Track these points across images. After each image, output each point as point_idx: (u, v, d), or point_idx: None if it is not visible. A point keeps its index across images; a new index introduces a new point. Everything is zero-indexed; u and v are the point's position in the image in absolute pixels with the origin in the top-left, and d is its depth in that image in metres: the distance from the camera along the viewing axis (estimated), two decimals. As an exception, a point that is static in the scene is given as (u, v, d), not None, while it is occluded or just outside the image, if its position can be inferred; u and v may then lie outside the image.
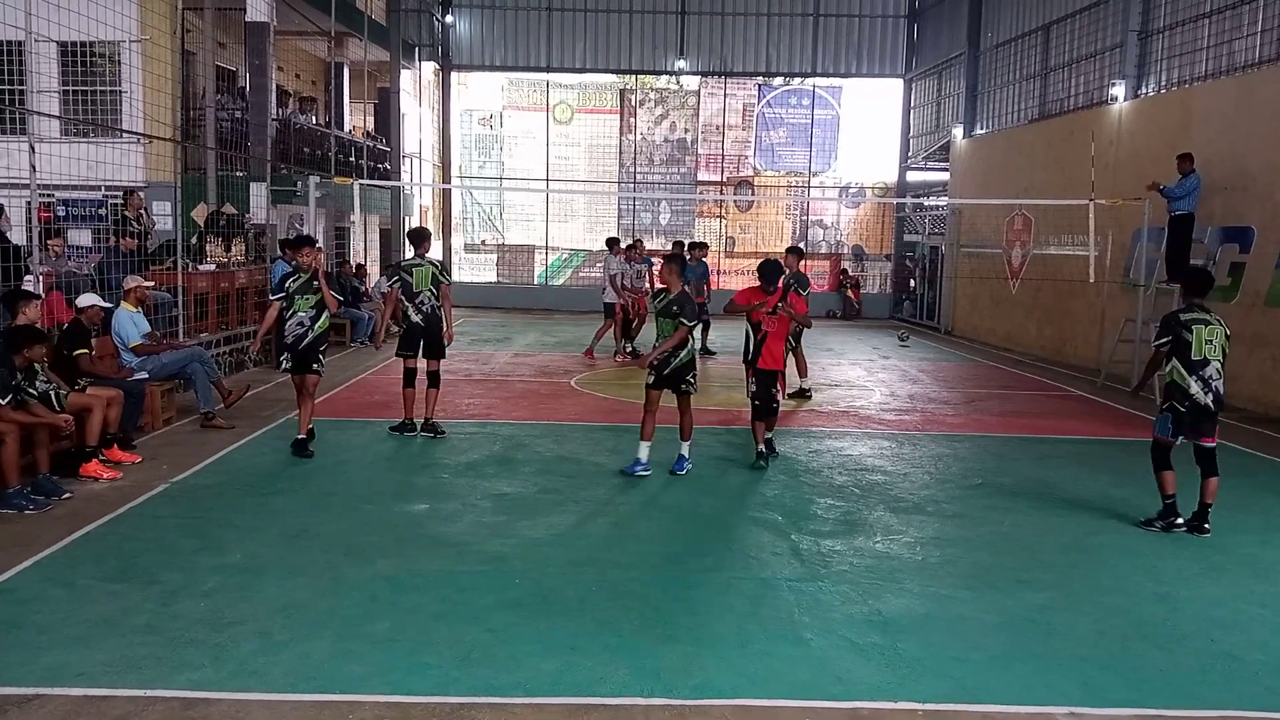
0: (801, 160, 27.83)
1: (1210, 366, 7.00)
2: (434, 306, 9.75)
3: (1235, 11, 13.94)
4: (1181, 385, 7.04)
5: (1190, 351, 6.99)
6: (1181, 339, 7.02)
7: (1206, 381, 7.00)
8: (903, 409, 12.26)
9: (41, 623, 5.10)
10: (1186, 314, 7.14)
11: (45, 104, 14.14)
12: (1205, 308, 7.19)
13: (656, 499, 7.70)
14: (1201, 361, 6.99)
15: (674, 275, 8.42)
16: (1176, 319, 7.14)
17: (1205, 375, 7.00)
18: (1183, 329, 7.04)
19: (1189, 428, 7.10)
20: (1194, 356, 6.99)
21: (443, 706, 4.34)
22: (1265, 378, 12.29)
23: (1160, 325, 7.32)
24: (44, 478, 7.29)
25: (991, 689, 4.66)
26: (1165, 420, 7.15)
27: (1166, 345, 7.10)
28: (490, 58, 27.37)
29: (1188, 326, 7.03)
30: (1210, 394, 7.01)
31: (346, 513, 7.19)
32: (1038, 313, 18.59)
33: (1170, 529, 7.17)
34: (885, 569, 6.30)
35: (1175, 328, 7.08)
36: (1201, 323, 7.05)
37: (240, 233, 15.55)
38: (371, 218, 22.74)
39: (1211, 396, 7.02)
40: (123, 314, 9.70)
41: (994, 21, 21.98)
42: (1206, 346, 7.01)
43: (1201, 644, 5.24)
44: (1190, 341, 6.99)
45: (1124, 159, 15.73)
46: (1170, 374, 7.09)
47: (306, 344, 8.95)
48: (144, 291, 9.97)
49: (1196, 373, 7.00)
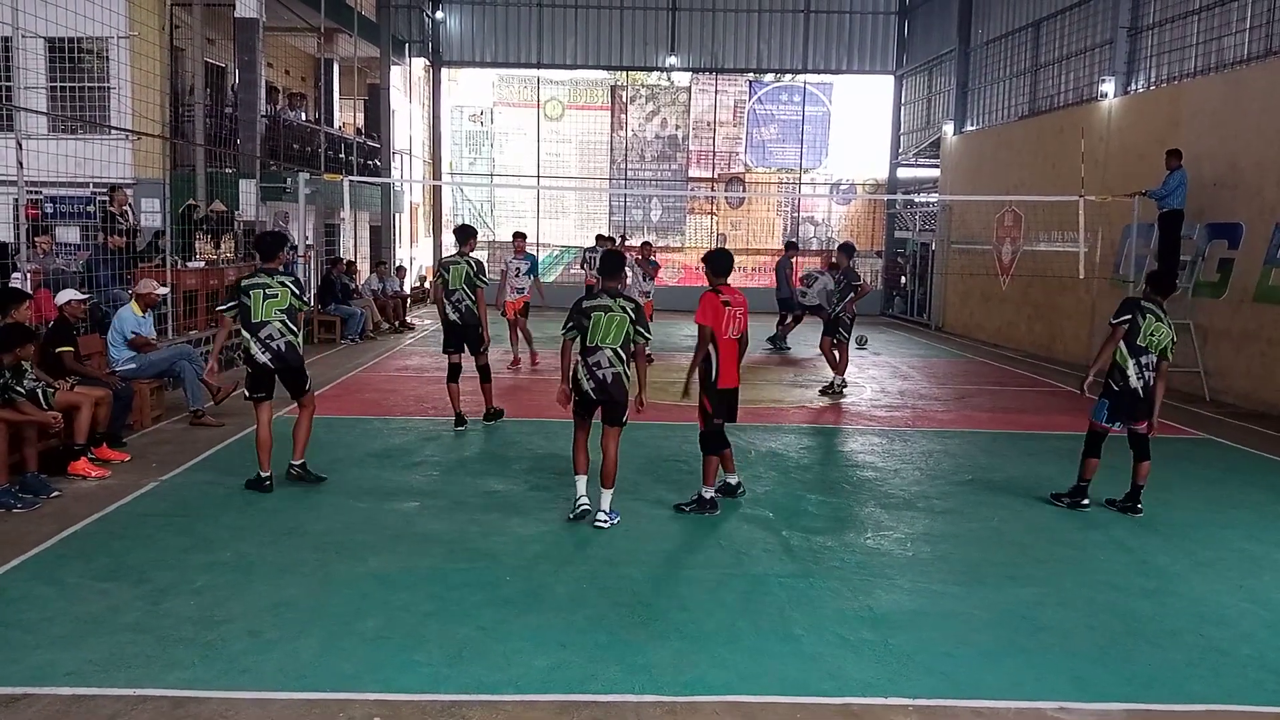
0: (793, 157, 27.86)
1: (1147, 356, 7.33)
2: (469, 305, 9.89)
3: (1224, 8, 13.98)
4: (1121, 365, 7.35)
5: (1137, 336, 7.30)
6: (1135, 322, 7.32)
7: (1142, 368, 7.32)
8: (893, 405, 12.28)
9: (29, 621, 5.07)
10: (1146, 302, 7.43)
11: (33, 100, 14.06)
12: (1163, 307, 7.45)
13: (645, 497, 7.69)
14: (1143, 348, 7.31)
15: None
16: (1137, 302, 7.43)
17: (1142, 362, 7.32)
18: (1139, 312, 7.33)
19: (1124, 413, 7.43)
20: (1138, 341, 7.30)
21: (433, 704, 4.33)
22: (1253, 373, 12.34)
23: (1120, 305, 7.53)
24: (32, 476, 7.24)
25: (982, 684, 4.66)
26: (1103, 406, 7.48)
27: (1125, 324, 7.35)
28: (481, 54, 27.31)
29: (1143, 312, 7.32)
30: (1141, 381, 7.33)
31: (336, 511, 7.17)
32: (1028, 309, 18.64)
33: (1076, 507, 7.56)
34: (876, 565, 6.31)
35: (1133, 308, 7.37)
36: (1154, 315, 7.34)
37: (229, 229, 15.48)
38: (361, 214, 22.69)
39: (1142, 384, 7.34)
40: (126, 314, 9.65)
41: (984, 18, 22.02)
42: (1150, 337, 7.31)
43: (1191, 639, 5.26)
44: (1140, 326, 7.29)
45: (1114, 155, 15.77)
46: (1116, 352, 7.40)
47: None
48: (155, 297, 9.94)
49: (1136, 356, 7.32)
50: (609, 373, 6.81)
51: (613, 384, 6.82)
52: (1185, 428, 11.05)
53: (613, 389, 6.83)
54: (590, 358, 6.84)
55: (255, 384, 7.55)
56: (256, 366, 7.49)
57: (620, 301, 6.84)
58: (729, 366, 7.12)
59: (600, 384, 6.83)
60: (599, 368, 6.81)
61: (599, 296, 6.92)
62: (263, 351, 7.46)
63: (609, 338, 6.79)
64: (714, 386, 7.11)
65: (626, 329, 6.80)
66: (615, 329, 6.79)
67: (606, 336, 6.79)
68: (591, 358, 6.83)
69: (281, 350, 7.49)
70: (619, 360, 6.83)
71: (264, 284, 7.47)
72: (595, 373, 6.82)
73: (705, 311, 7.01)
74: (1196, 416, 11.74)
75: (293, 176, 15.86)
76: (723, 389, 7.11)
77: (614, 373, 6.82)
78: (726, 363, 7.08)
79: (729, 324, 7.07)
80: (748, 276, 27.95)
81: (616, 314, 6.80)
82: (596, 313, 6.82)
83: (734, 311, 7.09)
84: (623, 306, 6.82)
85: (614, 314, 6.80)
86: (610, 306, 6.82)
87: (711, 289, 7.13)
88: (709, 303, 7.03)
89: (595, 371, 6.82)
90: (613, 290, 6.94)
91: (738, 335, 7.19)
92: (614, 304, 6.82)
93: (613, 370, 6.82)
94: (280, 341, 7.48)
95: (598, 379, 6.82)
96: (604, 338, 6.79)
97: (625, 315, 6.80)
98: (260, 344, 7.45)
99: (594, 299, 6.91)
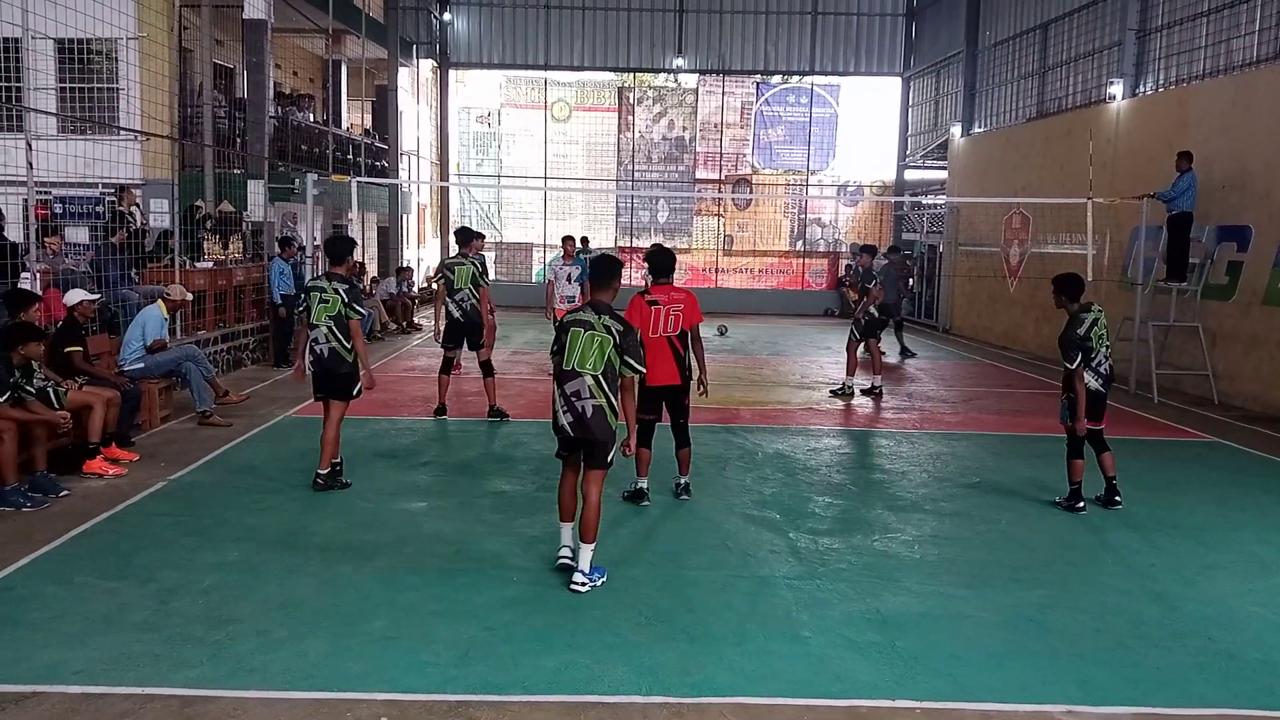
0: (800, 158, 27.84)
1: (1099, 354, 7.56)
2: (474, 303, 10.18)
3: (1233, 10, 13.94)
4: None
5: (1091, 355, 7.53)
6: (1087, 348, 7.49)
7: (1096, 370, 7.56)
8: (901, 407, 12.26)
9: (38, 620, 5.09)
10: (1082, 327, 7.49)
11: (42, 101, 14.12)
12: (1088, 304, 7.70)
13: (652, 498, 7.69)
14: (1093, 353, 7.54)
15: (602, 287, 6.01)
16: (1077, 336, 7.49)
17: (1094, 364, 7.54)
18: (1085, 341, 7.48)
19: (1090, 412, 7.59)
20: (1092, 355, 7.54)
21: (440, 704, 4.34)
22: (1262, 376, 12.30)
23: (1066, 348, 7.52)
24: (41, 475, 7.28)
25: (989, 687, 4.65)
26: (1065, 407, 7.68)
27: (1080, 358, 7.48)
28: (488, 55, 27.36)
29: (1087, 336, 7.49)
30: (1099, 379, 7.59)
31: (344, 511, 7.18)
32: (1035, 311, 18.59)
33: (1073, 510, 7.63)
34: (883, 567, 6.30)
35: (1078, 343, 7.49)
36: (1093, 321, 7.57)
37: (238, 230, 15.53)
38: (369, 215, 22.74)
39: (1101, 381, 7.60)
40: (153, 313, 9.73)
41: (992, 20, 21.98)
42: (1098, 340, 7.55)
43: (1199, 642, 5.24)
44: (1092, 346, 7.51)
45: (1122, 157, 15.73)
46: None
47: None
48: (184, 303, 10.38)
49: (1089, 364, 7.53)
50: (589, 404, 5.67)
51: (593, 418, 5.67)
52: (1194, 431, 11.02)
53: (593, 424, 5.67)
54: (567, 385, 5.72)
55: (314, 383, 7.75)
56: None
57: (605, 319, 5.73)
58: (658, 364, 7.09)
59: (579, 418, 5.68)
60: (577, 398, 5.69)
61: (583, 310, 5.88)
62: (312, 352, 7.63)
63: (588, 362, 5.68)
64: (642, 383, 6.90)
65: (609, 354, 5.70)
66: (596, 351, 5.68)
67: (585, 360, 5.68)
68: (569, 385, 5.71)
69: (324, 355, 7.57)
70: (601, 390, 5.68)
71: (321, 288, 7.60)
72: (574, 404, 5.70)
73: (630, 314, 7.01)
74: (1205, 419, 11.70)
75: (300, 177, 15.92)
76: (650, 386, 7.08)
77: (595, 405, 5.67)
78: (655, 361, 7.03)
79: (656, 323, 7.16)
80: (754, 278, 27.99)
81: (599, 334, 5.70)
82: (575, 329, 5.75)
83: (664, 310, 7.19)
84: (607, 326, 5.71)
85: (595, 333, 5.70)
86: (592, 323, 5.72)
87: (641, 291, 7.39)
88: (633, 305, 7.22)
89: (574, 403, 5.70)
90: (600, 305, 5.86)
91: (672, 333, 7.23)
92: (596, 321, 5.73)
93: (594, 402, 5.67)
94: (324, 346, 7.56)
95: (576, 412, 5.69)
96: (582, 361, 5.69)
97: (608, 337, 5.69)
98: (313, 345, 7.62)
99: (576, 313, 5.90)
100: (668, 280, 7.39)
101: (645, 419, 7.24)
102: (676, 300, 7.27)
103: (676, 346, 7.28)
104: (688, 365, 7.43)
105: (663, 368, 7.21)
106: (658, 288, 7.32)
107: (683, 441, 7.66)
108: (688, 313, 7.28)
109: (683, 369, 7.37)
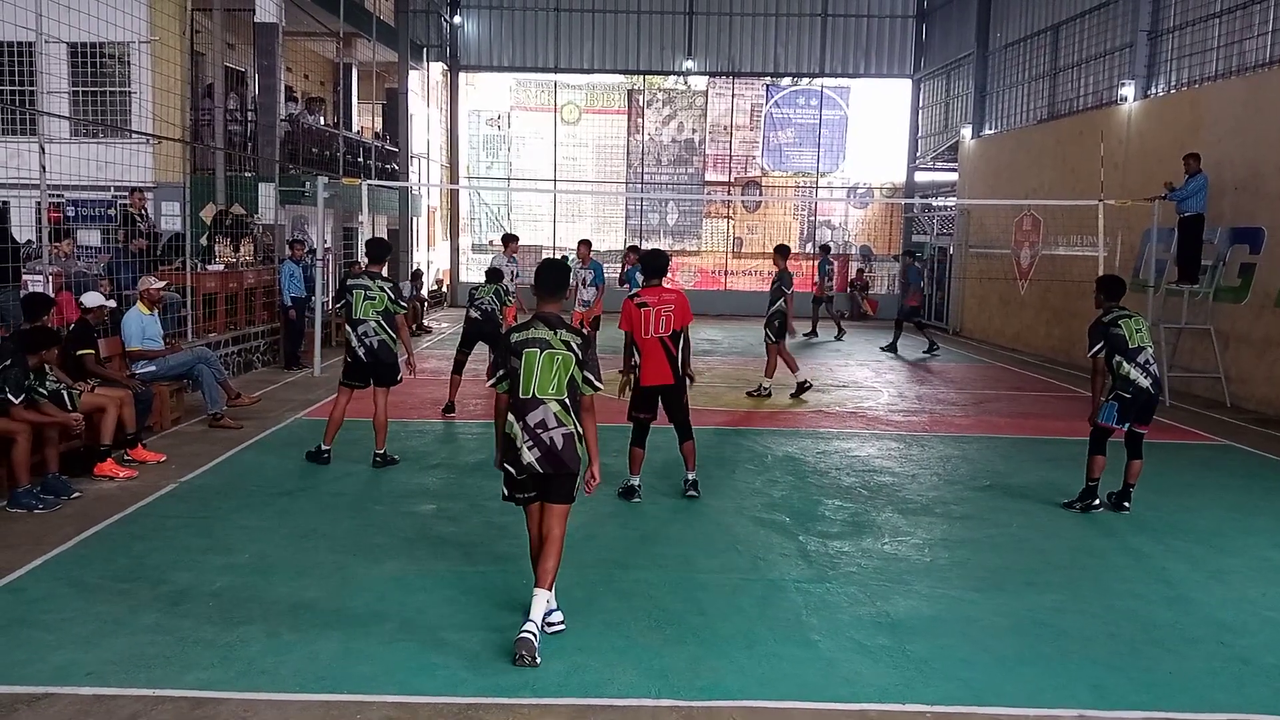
0: (809, 161, 27.81)
1: (1144, 353, 7.51)
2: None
3: (1245, 11, 13.88)
4: (1124, 375, 7.50)
5: (1126, 343, 7.47)
6: (1113, 335, 7.50)
7: (1144, 367, 7.48)
8: (911, 410, 12.23)
9: (50, 621, 5.12)
10: (1108, 316, 7.63)
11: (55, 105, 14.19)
12: (1123, 307, 7.73)
13: (662, 501, 7.69)
14: (1137, 349, 7.48)
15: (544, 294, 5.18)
16: (1100, 324, 7.61)
17: (1141, 361, 7.47)
18: (1110, 328, 7.54)
19: (1136, 413, 7.55)
20: (1130, 345, 7.47)
21: (450, 707, 4.34)
22: (1275, 379, 12.23)
23: (1089, 336, 7.71)
24: (53, 477, 7.31)
25: (1001, 691, 4.64)
26: (1111, 408, 7.56)
27: (1102, 351, 7.55)
28: (498, 58, 27.41)
29: (1115, 324, 7.54)
30: (1149, 378, 7.50)
31: (354, 513, 7.20)
32: (1046, 313, 18.53)
33: (1088, 510, 7.62)
34: (894, 570, 6.28)
35: (1103, 331, 7.56)
36: (1126, 316, 7.61)
37: (248, 233, 15.59)
38: (379, 218, 22.78)
39: (1150, 380, 7.50)
40: (132, 315, 9.69)
41: (1003, 21, 21.93)
42: (1137, 335, 7.53)
43: (1212, 647, 5.21)
44: (1123, 334, 7.49)
45: (1133, 159, 15.67)
46: (1115, 368, 7.56)
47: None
48: (156, 293, 9.89)
49: (1134, 360, 7.46)
50: (557, 434, 4.91)
51: (564, 449, 4.92)
52: (1206, 434, 10.96)
53: (565, 455, 4.93)
54: (529, 416, 4.91)
55: (350, 373, 8.42)
56: (354, 358, 8.33)
57: (562, 334, 4.96)
58: (651, 365, 7.39)
59: (548, 451, 4.90)
60: (544, 429, 4.90)
61: (533, 326, 5.01)
62: (359, 346, 8.29)
63: (549, 386, 4.92)
64: (637, 383, 7.51)
65: (572, 373, 4.95)
66: (559, 372, 4.92)
67: (547, 384, 4.91)
68: (531, 416, 4.91)
69: (374, 348, 8.30)
70: (569, 415, 4.95)
71: (365, 286, 8.30)
72: (540, 437, 4.90)
73: (622, 318, 7.46)
74: (1218, 423, 11.64)
75: (311, 180, 15.96)
76: (645, 386, 7.43)
77: (565, 434, 4.93)
78: (649, 361, 7.38)
79: (648, 325, 7.35)
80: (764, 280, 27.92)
81: (559, 351, 4.92)
82: (529, 350, 4.92)
83: (655, 311, 7.36)
84: (565, 341, 4.94)
85: (555, 351, 4.92)
86: (548, 340, 4.93)
87: (630, 294, 7.61)
88: (625, 309, 7.46)
89: (540, 435, 4.90)
90: (550, 317, 5.05)
91: (665, 334, 7.38)
92: (553, 337, 4.95)
93: (563, 431, 4.93)
94: (374, 340, 8.29)
95: (544, 445, 4.90)
96: (543, 387, 4.91)
97: (569, 354, 4.94)
98: (358, 339, 8.29)
99: (525, 330, 5.01)
100: (659, 282, 7.58)
101: (640, 418, 7.58)
102: (667, 301, 7.44)
103: (670, 347, 7.44)
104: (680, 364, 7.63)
105: (657, 368, 7.43)
106: (648, 289, 7.52)
107: (685, 435, 7.79)
108: (679, 313, 7.46)
109: (676, 368, 7.53)
